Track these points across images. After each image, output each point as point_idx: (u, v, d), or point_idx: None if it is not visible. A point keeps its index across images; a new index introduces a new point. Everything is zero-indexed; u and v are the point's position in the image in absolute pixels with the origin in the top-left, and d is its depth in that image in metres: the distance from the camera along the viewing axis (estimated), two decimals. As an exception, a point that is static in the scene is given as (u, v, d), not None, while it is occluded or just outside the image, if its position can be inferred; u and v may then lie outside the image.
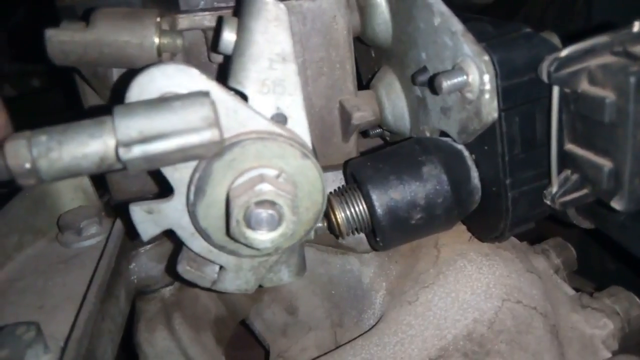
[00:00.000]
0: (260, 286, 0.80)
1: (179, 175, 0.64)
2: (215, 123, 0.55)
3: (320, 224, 0.84)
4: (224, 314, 1.09)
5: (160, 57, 0.74)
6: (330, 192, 0.88)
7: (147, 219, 0.67)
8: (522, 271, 0.95)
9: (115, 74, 0.80)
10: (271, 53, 0.64)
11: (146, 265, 0.96)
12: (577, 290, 1.07)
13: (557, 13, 1.71)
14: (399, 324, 0.90)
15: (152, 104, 0.55)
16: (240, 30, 0.67)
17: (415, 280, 0.96)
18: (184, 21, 0.82)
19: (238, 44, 0.67)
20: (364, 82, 1.18)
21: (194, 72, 0.60)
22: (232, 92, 0.65)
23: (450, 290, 0.91)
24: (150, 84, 0.59)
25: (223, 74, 0.80)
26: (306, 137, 0.69)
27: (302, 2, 0.87)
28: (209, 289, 0.77)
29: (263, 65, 0.65)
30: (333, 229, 0.85)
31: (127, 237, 0.91)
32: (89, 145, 0.52)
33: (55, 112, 1.47)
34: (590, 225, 0.90)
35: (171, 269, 0.94)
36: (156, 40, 0.72)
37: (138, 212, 0.67)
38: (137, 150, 0.52)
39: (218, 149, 0.56)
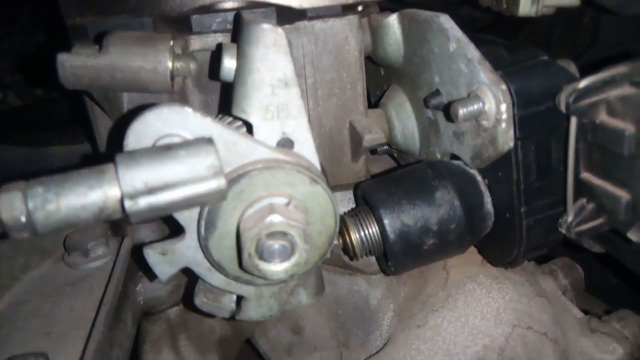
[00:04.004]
0: None
1: (188, 214, 0.64)
2: (221, 171, 0.54)
3: (335, 241, 0.84)
4: (228, 334, 1.08)
5: (173, 80, 0.73)
6: (345, 213, 0.87)
7: (163, 260, 0.66)
8: (531, 295, 0.94)
9: (125, 96, 0.79)
10: (273, 79, 0.63)
11: (152, 285, 0.95)
12: (584, 310, 1.07)
13: (564, 27, 1.71)
14: (408, 349, 0.89)
15: (156, 152, 0.53)
16: (240, 58, 0.66)
17: (424, 303, 0.95)
18: (196, 42, 0.81)
19: (239, 71, 0.66)
20: (372, 99, 1.18)
21: (188, 112, 0.59)
22: (235, 125, 0.65)
23: (459, 314, 0.90)
24: (146, 129, 0.58)
25: (226, 98, 0.79)
26: (314, 159, 0.69)
27: (314, 23, 0.86)
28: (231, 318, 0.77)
29: (265, 91, 0.64)
30: (347, 250, 0.85)
31: (133, 258, 0.90)
32: (87, 196, 0.50)
33: (60, 123, 1.45)
34: (600, 249, 0.89)
35: (188, 301, 0.94)
36: (169, 65, 0.71)
37: (152, 255, 0.66)
38: (143, 202, 0.51)
39: (223, 196, 0.55)
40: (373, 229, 0.82)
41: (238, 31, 0.68)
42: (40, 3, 1.99)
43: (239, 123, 0.69)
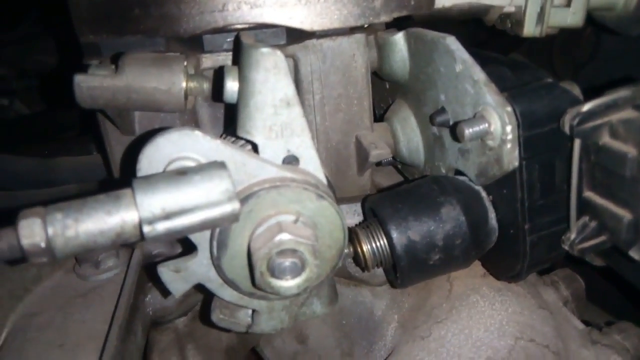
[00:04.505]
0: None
1: (200, 234, 0.65)
2: (235, 195, 0.56)
3: (345, 250, 0.86)
4: (235, 343, 1.10)
5: (186, 100, 0.75)
6: (357, 225, 0.89)
7: (176, 277, 0.68)
8: (534, 307, 0.96)
9: (138, 112, 0.81)
10: (274, 100, 0.65)
11: (161, 296, 0.96)
12: (585, 321, 1.08)
13: (565, 39, 1.73)
14: (412, 360, 0.91)
15: (171, 178, 0.55)
16: (242, 81, 0.68)
17: (428, 315, 0.96)
18: (207, 61, 0.83)
19: (241, 94, 0.68)
20: (377, 112, 1.19)
21: (198, 135, 0.61)
22: (240, 144, 0.66)
23: (463, 326, 0.91)
24: (157, 153, 0.60)
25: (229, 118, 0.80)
26: (319, 174, 0.70)
27: (323, 42, 0.88)
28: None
29: (268, 112, 0.65)
30: (359, 261, 0.86)
31: (143, 270, 0.91)
32: (106, 222, 0.52)
33: (68, 132, 1.47)
34: (602, 262, 0.91)
35: (205, 317, 0.95)
36: (183, 85, 0.73)
37: (166, 273, 0.68)
38: (161, 227, 0.53)
39: (237, 218, 0.57)
40: (383, 242, 0.83)
41: (238, 54, 0.70)
42: (46, 8, 2.00)
43: (243, 142, 0.71)
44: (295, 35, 0.85)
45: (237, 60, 0.72)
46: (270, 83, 0.64)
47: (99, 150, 1.16)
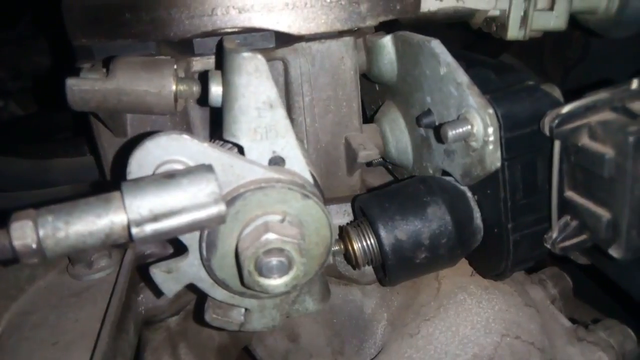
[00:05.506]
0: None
1: (189, 235, 0.67)
2: (221, 197, 0.58)
3: (336, 247, 0.87)
4: (227, 342, 1.11)
5: (177, 102, 0.76)
6: (348, 224, 0.90)
7: (168, 278, 0.70)
8: (520, 305, 0.98)
9: (129, 115, 0.82)
10: (258, 102, 0.66)
11: (153, 296, 0.97)
12: (572, 319, 1.10)
13: (556, 41, 1.75)
14: (401, 357, 0.92)
15: (160, 181, 0.57)
16: (225, 85, 0.69)
17: (417, 313, 0.98)
18: (197, 64, 0.84)
19: (225, 98, 0.70)
20: (367, 113, 1.21)
21: (186, 139, 0.63)
22: (227, 147, 0.68)
23: (450, 324, 0.93)
24: (147, 157, 0.62)
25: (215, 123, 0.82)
26: (305, 173, 0.72)
27: (312, 44, 0.90)
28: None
29: (252, 115, 0.67)
30: (350, 259, 0.88)
31: (136, 269, 0.93)
32: (95, 224, 0.54)
33: (63, 134, 1.48)
34: (586, 261, 0.93)
35: (198, 317, 0.97)
36: (173, 88, 0.75)
37: (158, 274, 0.70)
38: (149, 229, 0.55)
39: (223, 220, 0.59)
40: (373, 241, 0.85)
41: (221, 58, 0.71)
42: (41, 9, 2.01)
43: (230, 145, 0.72)
44: (284, 39, 0.87)
45: (220, 64, 0.73)
46: (252, 86, 0.65)
47: (92, 152, 1.17)
